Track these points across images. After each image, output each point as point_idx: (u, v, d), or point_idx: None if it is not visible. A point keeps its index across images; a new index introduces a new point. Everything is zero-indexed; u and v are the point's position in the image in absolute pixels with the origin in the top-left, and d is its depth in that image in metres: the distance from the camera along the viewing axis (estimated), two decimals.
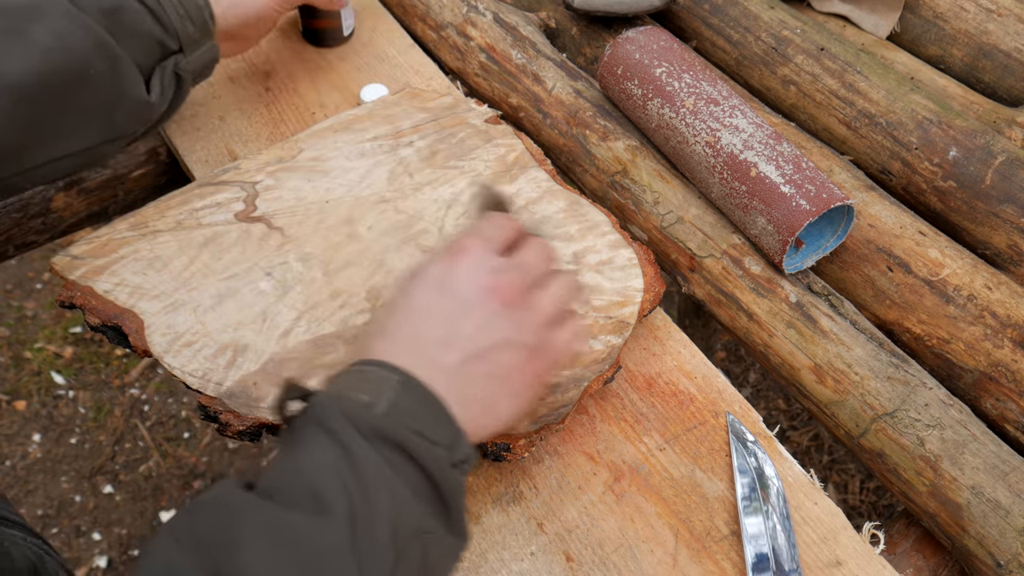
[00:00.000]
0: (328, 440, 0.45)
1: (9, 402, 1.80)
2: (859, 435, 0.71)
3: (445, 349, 0.51)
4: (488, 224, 0.57)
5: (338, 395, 0.47)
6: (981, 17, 0.94)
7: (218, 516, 0.43)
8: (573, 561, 0.64)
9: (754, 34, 0.95)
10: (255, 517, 0.42)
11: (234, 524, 0.42)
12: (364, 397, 0.47)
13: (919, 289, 0.75)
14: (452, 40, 1.00)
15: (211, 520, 0.42)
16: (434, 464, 0.47)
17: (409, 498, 0.46)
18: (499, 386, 0.52)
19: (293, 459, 0.46)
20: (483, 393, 0.51)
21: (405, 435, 0.46)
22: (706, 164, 0.79)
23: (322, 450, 0.45)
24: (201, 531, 0.42)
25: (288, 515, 0.43)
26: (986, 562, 0.65)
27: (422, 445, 0.46)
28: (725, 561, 0.64)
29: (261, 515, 0.42)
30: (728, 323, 0.79)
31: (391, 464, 0.45)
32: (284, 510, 0.43)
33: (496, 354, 0.52)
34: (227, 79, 0.96)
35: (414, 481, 0.46)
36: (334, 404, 0.47)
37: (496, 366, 0.52)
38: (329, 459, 0.45)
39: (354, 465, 0.44)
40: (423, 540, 0.46)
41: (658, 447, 0.70)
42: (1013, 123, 0.85)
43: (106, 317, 0.69)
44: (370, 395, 0.47)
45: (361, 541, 0.43)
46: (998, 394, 0.71)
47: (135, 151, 0.99)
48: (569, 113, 0.90)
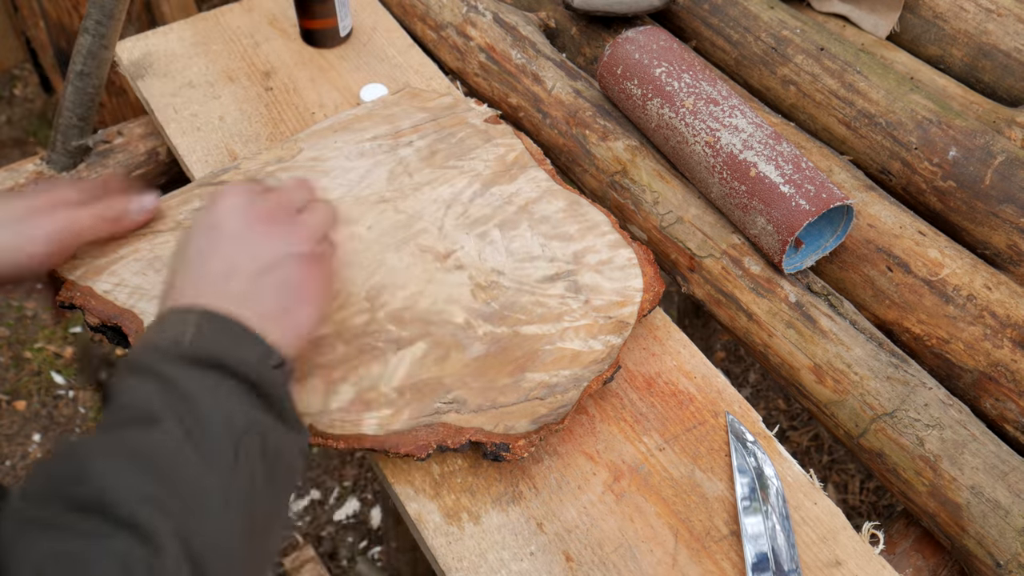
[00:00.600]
0: (145, 376, 0.49)
1: (9, 402, 1.80)
2: (859, 435, 0.71)
3: (228, 278, 0.56)
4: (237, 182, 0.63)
5: (144, 343, 0.52)
6: (981, 17, 0.94)
7: (56, 461, 0.45)
8: (573, 561, 0.64)
9: (754, 34, 0.95)
10: (92, 446, 0.45)
11: (74, 457, 0.44)
12: (168, 336, 0.51)
13: (919, 289, 0.75)
14: (452, 40, 1.00)
15: (52, 466, 0.45)
16: (249, 369, 0.51)
17: (233, 400, 0.49)
18: (290, 295, 0.57)
19: (116, 402, 0.49)
20: (277, 304, 0.56)
21: (214, 353, 0.50)
22: (706, 164, 0.79)
23: (141, 385, 0.49)
24: (44, 479, 0.44)
25: (122, 434, 0.46)
26: (986, 562, 0.65)
27: (232, 358, 0.51)
28: (725, 561, 0.64)
29: (97, 443, 0.45)
30: (728, 323, 0.79)
31: (209, 378, 0.49)
32: (118, 432, 0.47)
33: (278, 269, 0.57)
34: (227, 79, 0.96)
35: (234, 387, 0.50)
36: (143, 350, 0.51)
37: (281, 278, 0.57)
38: (150, 388, 0.48)
39: (173, 385, 0.48)
40: (258, 432, 0.49)
41: (658, 447, 0.70)
42: (1013, 123, 0.85)
43: (106, 317, 0.69)
44: (174, 334, 0.51)
45: (196, 438, 0.46)
46: (998, 394, 0.71)
47: (135, 151, 0.99)
48: (569, 113, 0.90)
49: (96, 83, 0.93)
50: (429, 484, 0.67)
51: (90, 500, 0.42)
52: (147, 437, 0.46)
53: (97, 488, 0.42)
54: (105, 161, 0.97)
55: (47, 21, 1.95)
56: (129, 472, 0.44)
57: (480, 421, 0.66)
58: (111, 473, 0.43)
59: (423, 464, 0.68)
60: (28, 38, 2.26)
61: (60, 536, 0.41)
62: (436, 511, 0.66)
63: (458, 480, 0.67)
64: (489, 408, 0.67)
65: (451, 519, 0.65)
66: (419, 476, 0.67)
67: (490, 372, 0.68)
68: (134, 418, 0.47)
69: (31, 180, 0.95)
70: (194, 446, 0.46)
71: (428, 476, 0.67)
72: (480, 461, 0.68)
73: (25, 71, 2.46)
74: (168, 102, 0.94)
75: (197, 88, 0.95)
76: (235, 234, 0.58)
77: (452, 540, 0.64)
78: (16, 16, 2.25)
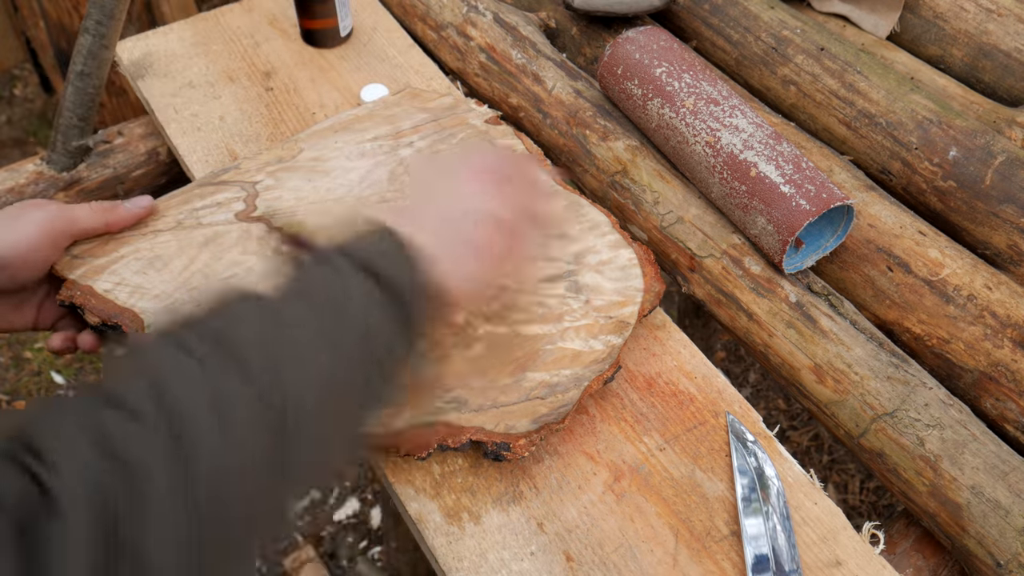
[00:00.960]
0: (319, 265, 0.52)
1: (9, 402, 1.80)
2: (859, 435, 0.71)
3: (426, 206, 0.58)
4: None
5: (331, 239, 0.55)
6: (981, 17, 0.94)
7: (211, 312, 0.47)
8: (573, 561, 0.64)
9: (754, 34, 0.95)
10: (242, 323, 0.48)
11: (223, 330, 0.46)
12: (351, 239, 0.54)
13: (919, 289, 0.75)
14: (452, 40, 1.00)
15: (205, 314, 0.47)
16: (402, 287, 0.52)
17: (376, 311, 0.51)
18: (469, 245, 0.58)
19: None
20: (455, 246, 0.57)
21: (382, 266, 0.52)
22: (706, 164, 0.79)
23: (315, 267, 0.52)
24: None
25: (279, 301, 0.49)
26: (986, 562, 0.65)
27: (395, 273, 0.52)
28: (725, 561, 0.64)
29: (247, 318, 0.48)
30: (728, 323, 0.79)
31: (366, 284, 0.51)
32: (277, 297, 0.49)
33: (471, 217, 0.58)
34: (227, 79, 0.96)
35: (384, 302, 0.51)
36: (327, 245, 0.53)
37: (470, 227, 0.58)
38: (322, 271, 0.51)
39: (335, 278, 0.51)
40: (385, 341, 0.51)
41: (658, 447, 0.70)
42: (1013, 123, 0.85)
43: (106, 316, 0.69)
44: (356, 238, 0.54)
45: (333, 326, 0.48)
46: (998, 394, 0.71)
47: (135, 151, 0.99)
48: (569, 113, 0.90)
49: (96, 83, 0.93)
50: (429, 484, 0.67)
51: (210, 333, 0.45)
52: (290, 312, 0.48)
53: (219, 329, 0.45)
54: (105, 161, 0.97)
55: (47, 21, 1.96)
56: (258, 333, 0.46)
57: (481, 420, 0.66)
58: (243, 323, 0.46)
59: (423, 464, 0.68)
60: (28, 38, 2.26)
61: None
62: (436, 511, 0.66)
63: (459, 480, 0.67)
64: (490, 407, 0.67)
65: (451, 519, 0.65)
66: (419, 476, 0.67)
67: (491, 371, 0.68)
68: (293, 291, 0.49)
69: (31, 180, 0.95)
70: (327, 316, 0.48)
71: (428, 476, 0.67)
72: (481, 461, 0.68)
73: (25, 71, 2.46)
74: (168, 102, 0.94)
75: (197, 88, 0.95)
76: (455, 174, 0.61)
77: (452, 540, 0.64)
78: (16, 16, 2.25)
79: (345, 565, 1.65)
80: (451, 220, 0.58)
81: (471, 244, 0.57)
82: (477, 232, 0.58)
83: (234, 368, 0.44)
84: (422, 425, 0.66)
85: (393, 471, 0.68)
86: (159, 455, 0.39)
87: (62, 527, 0.36)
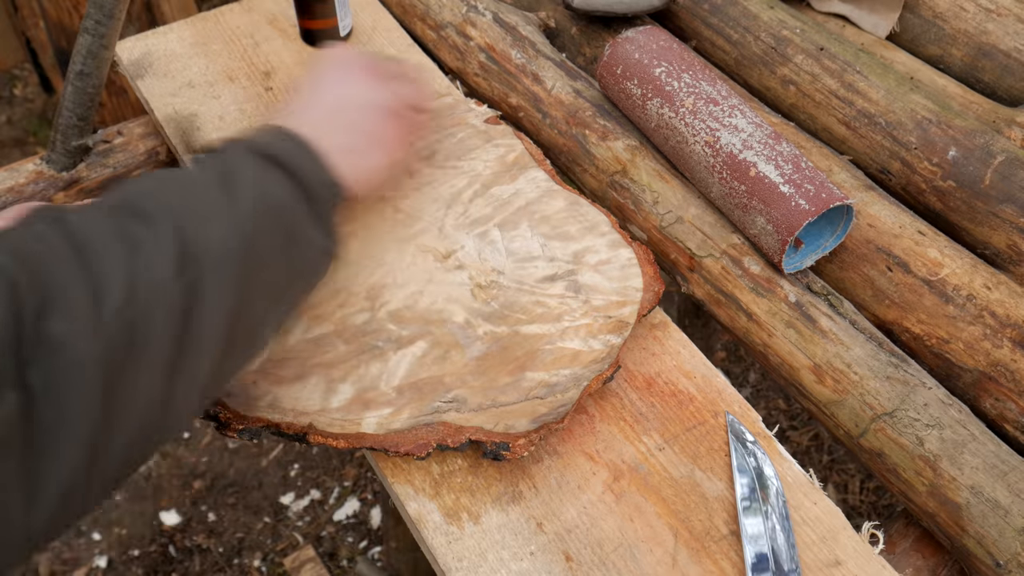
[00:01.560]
0: (214, 153, 0.57)
1: None
2: (858, 435, 0.71)
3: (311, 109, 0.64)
4: None
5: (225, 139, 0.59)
6: (981, 17, 0.94)
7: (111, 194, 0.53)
8: (573, 561, 0.64)
9: (754, 34, 0.95)
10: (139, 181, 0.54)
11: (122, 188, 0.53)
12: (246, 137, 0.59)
13: (918, 289, 0.75)
14: (452, 40, 1.00)
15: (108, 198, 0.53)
16: (301, 171, 0.57)
17: (275, 183, 0.56)
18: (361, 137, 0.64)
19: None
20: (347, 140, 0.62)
21: (275, 152, 0.57)
22: (705, 164, 0.79)
23: (207, 157, 0.57)
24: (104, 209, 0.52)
25: (165, 173, 0.55)
26: (985, 562, 0.65)
27: (290, 161, 0.57)
28: (724, 561, 0.64)
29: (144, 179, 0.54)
30: (727, 323, 0.79)
31: (262, 164, 0.56)
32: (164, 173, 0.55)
33: (355, 111, 0.64)
34: (227, 79, 0.96)
35: (282, 176, 0.56)
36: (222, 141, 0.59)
37: (355, 119, 0.64)
38: (212, 157, 0.57)
39: (224, 158, 0.56)
40: (290, 217, 0.56)
41: (657, 447, 0.70)
42: (1013, 123, 0.85)
43: None
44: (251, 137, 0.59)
45: (228, 185, 0.53)
46: (997, 394, 0.71)
47: (135, 150, 0.99)
48: (569, 113, 0.90)
49: (96, 83, 0.93)
50: (429, 484, 0.67)
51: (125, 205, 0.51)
52: (185, 173, 0.55)
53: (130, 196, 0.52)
54: (105, 161, 0.97)
55: (47, 21, 1.96)
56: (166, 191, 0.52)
57: (480, 420, 0.66)
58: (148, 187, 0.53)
59: (423, 464, 0.68)
60: (28, 38, 2.26)
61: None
62: (436, 511, 0.66)
63: (458, 480, 0.67)
64: (489, 407, 0.67)
65: (451, 519, 0.65)
66: (419, 476, 0.67)
67: (490, 371, 0.69)
68: (184, 167, 0.56)
69: (31, 179, 0.95)
70: (221, 185, 0.53)
71: (428, 476, 0.67)
72: (480, 461, 0.68)
73: (25, 71, 2.46)
74: (168, 102, 0.94)
75: (197, 88, 0.95)
76: (333, 77, 0.67)
77: (452, 540, 0.64)
78: (16, 16, 2.25)
79: (345, 565, 1.65)
80: (340, 111, 0.63)
81: (362, 132, 0.63)
82: (367, 122, 0.64)
83: None
84: (421, 425, 0.66)
85: (392, 471, 0.68)
86: None
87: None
